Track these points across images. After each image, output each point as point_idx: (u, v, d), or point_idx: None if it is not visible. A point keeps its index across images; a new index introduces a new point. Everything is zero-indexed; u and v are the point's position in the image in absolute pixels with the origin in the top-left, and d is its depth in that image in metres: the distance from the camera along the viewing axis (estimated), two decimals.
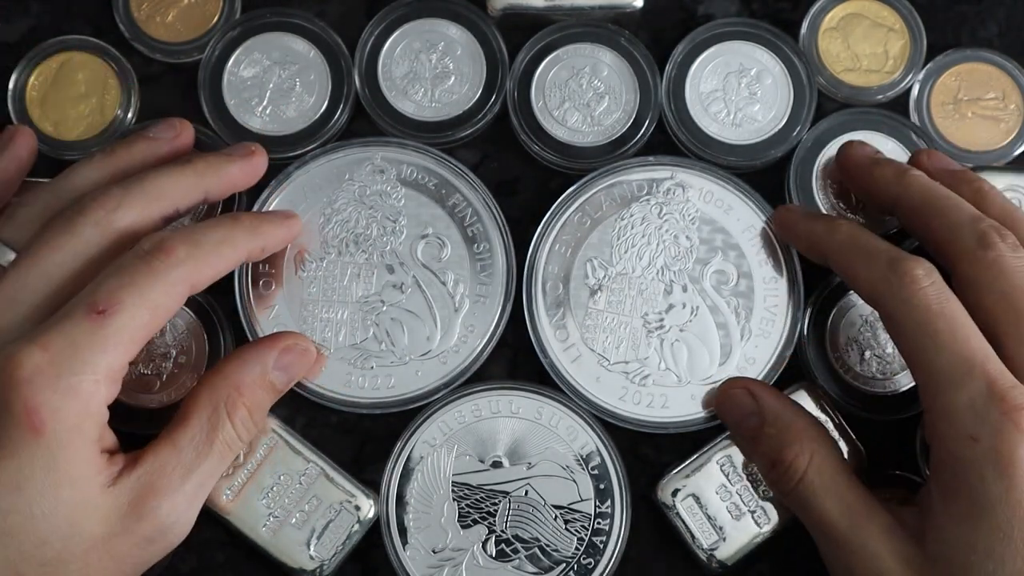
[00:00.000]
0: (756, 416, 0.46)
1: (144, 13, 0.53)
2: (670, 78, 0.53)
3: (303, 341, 0.47)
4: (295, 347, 0.46)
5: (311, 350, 0.47)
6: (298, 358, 0.46)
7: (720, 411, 0.49)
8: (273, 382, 0.45)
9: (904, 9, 0.53)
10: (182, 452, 0.42)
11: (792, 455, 0.44)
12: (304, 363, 0.47)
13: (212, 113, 0.52)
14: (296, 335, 0.47)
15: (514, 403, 0.50)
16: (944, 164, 0.48)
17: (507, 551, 0.48)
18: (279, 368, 0.45)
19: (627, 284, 0.51)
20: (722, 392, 0.48)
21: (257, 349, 0.45)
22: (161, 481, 0.41)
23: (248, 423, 0.44)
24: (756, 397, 0.47)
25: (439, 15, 0.53)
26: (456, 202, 0.51)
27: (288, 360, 0.46)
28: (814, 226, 0.48)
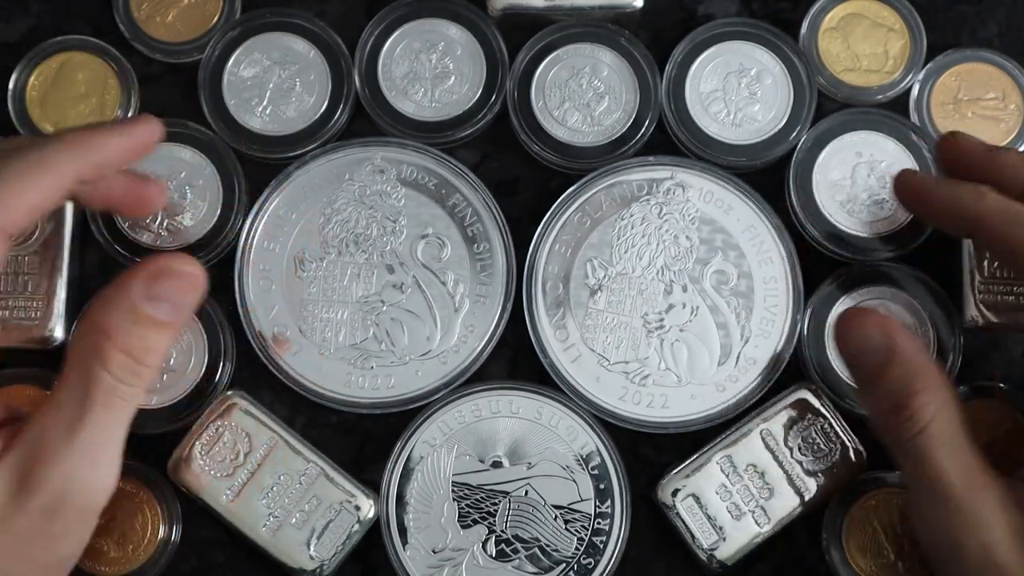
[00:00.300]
0: (883, 353, 0.42)
1: (144, 13, 0.53)
2: (670, 78, 0.53)
3: (174, 261, 0.40)
4: (164, 272, 0.40)
5: (186, 270, 0.40)
6: (173, 283, 0.40)
7: (841, 337, 0.43)
8: (152, 316, 0.39)
9: (904, 9, 0.53)
10: (62, 411, 0.38)
11: (920, 403, 0.41)
12: (184, 286, 0.40)
13: (212, 113, 0.52)
14: (165, 257, 0.40)
15: (514, 403, 0.50)
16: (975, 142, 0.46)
17: (507, 551, 0.48)
18: (152, 299, 0.39)
19: (627, 284, 0.51)
20: (850, 319, 0.43)
21: (119, 285, 0.39)
22: (44, 447, 0.38)
23: (131, 366, 0.39)
24: (892, 333, 0.42)
25: (439, 15, 0.53)
26: (456, 202, 0.51)
27: (162, 288, 0.39)
28: (956, 192, 0.44)
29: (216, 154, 0.52)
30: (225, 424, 0.48)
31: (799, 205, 0.51)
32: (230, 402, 0.49)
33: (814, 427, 0.49)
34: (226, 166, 0.51)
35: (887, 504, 0.48)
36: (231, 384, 0.50)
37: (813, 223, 0.51)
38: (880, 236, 0.51)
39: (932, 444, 0.40)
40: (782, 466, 0.48)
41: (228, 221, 0.51)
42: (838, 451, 0.49)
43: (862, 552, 0.48)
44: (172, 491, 0.49)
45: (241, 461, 0.48)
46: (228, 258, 0.51)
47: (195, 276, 0.40)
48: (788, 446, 0.49)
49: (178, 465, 0.48)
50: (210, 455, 0.48)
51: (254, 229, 0.51)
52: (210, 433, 0.48)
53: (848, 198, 0.51)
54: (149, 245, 0.51)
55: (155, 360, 0.40)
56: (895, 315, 0.50)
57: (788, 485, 0.48)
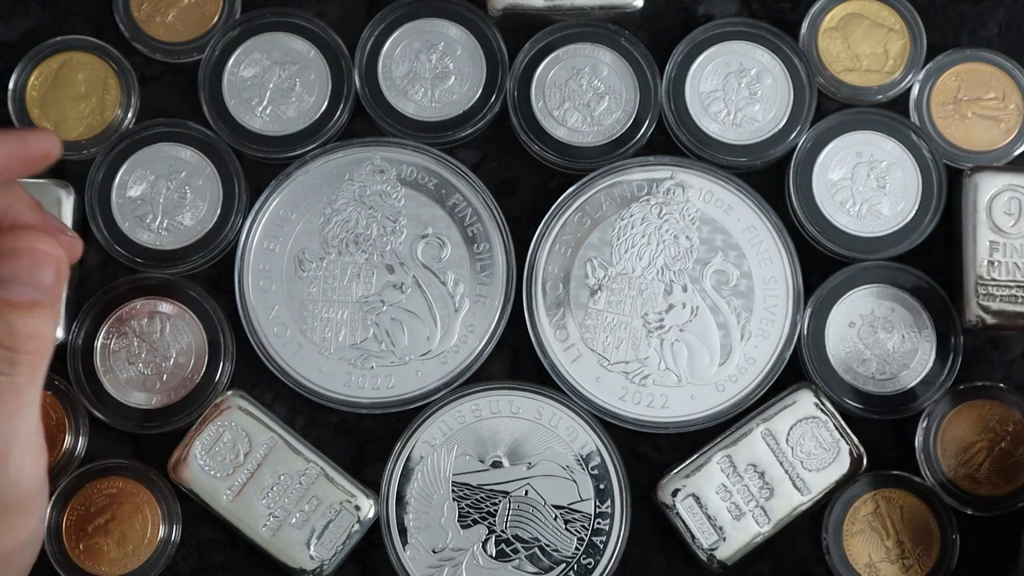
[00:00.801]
0: None
1: (144, 13, 0.53)
2: (670, 78, 0.53)
3: (20, 239, 0.37)
4: (6, 253, 0.36)
5: (33, 247, 0.37)
6: (16, 263, 0.37)
7: None
8: (7, 299, 0.36)
9: (904, 9, 0.53)
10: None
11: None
12: (30, 264, 0.37)
13: (212, 113, 0.52)
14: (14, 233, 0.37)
15: (514, 403, 0.50)
16: None
17: (507, 551, 0.48)
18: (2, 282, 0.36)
19: (627, 284, 0.51)
20: None
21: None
22: None
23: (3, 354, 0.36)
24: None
25: (439, 15, 0.53)
26: (456, 202, 0.51)
27: (7, 270, 0.36)
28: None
29: (216, 154, 0.52)
30: (225, 424, 0.48)
31: (799, 205, 0.51)
32: (230, 402, 0.49)
33: (814, 427, 0.49)
34: (226, 166, 0.51)
35: (887, 504, 0.49)
36: (231, 384, 0.50)
37: (813, 223, 0.51)
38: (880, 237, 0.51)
39: None
40: (782, 466, 0.48)
41: (228, 221, 0.51)
42: (838, 451, 0.49)
43: (862, 552, 0.48)
44: (172, 491, 0.49)
45: (241, 461, 0.48)
46: (228, 258, 0.51)
47: (44, 252, 0.37)
48: (788, 446, 0.49)
49: (178, 465, 0.48)
50: (210, 455, 0.48)
51: (254, 229, 0.51)
52: (210, 433, 0.48)
53: (848, 198, 0.52)
54: (149, 245, 0.51)
55: (31, 345, 0.37)
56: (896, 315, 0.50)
57: (788, 485, 0.48)
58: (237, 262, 0.51)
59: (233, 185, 0.51)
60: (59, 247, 0.37)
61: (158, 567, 0.48)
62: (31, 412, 0.38)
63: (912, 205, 0.51)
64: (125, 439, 0.50)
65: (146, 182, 0.51)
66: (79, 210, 0.51)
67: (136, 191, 0.51)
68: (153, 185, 0.51)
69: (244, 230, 0.51)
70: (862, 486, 0.49)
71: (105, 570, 0.48)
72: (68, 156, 0.52)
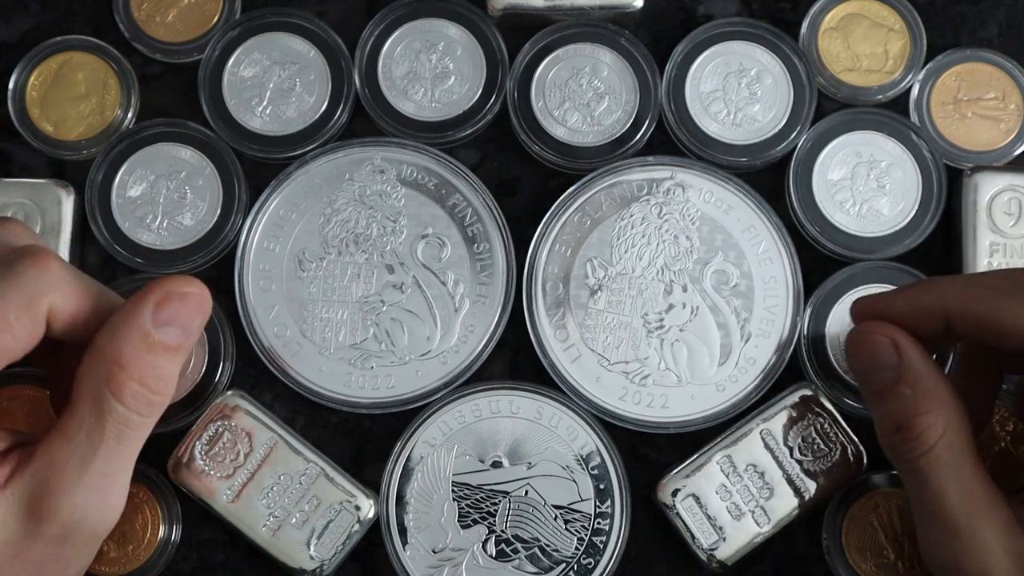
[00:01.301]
0: (893, 371, 0.41)
1: (144, 13, 0.53)
2: (670, 78, 0.53)
3: (179, 284, 0.39)
4: (171, 295, 0.39)
5: (192, 291, 0.39)
6: (181, 305, 0.39)
7: (851, 354, 0.43)
8: (162, 341, 0.38)
9: (904, 9, 0.53)
10: (73, 442, 0.38)
11: (925, 424, 0.40)
12: (191, 308, 0.39)
13: (212, 113, 0.52)
14: (170, 280, 0.40)
15: (514, 403, 0.50)
16: (877, 296, 0.45)
17: (507, 551, 0.48)
18: (162, 324, 0.38)
19: (627, 284, 0.51)
20: (861, 335, 0.42)
21: (128, 312, 0.38)
22: (56, 478, 0.38)
23: (145, 396, 0.38)
24: (900, 351, 0.41)
25: (439, 15, 0.53)
26: (456, 202, 0.51)
27: (170, 312, 0.39)
28: (913, 294, 0.42)
29: (216, 154, 0.52)
30: (225, 424, 0.48)
31: (799, 205, 0.51)
32: (230, 402, 0.49)
33: (814, 427, 0.49)
34: (226, 166, 0.51)
35: (887, 504, 0.48)
36: (231, 384, 0.50)
37: (813, 223, 0.51)
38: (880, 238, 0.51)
39: (934, 467, 0.40)
40: (782, 466, 0.48)
41: (228, 221, 0.51)
42: (838, 451, 0.49)
43: (862, 552, 0.48)
44: (172, 491, 0.49)
45: (241, 461, 0.48)
46: (228, 258, 0.51)
47: (201, 296, 0.40)
48: (788, 446, 0.49)
49: (178, 465, 0.48)
50: (210, 455, 0.48)
51: (254, 229, 0.51)
52: (210, 433, 0.48)
53: (848, 197, 0.52)
54: (149, 245, 0.51)
55: (168, 388, 0.39)
56: None
57: (788, 485, 0.48)
58: (237, 262, 0.51)
59: (233, 185, 0.51)
60: (207, 290, 0.40)
61: (158, 567, 0.48)
62: (138, 450, 0.40)
63: (912, 205, 0.51)
64: None
65: (146, 182, 0.51)
66: (79, 210, 0.51)
67: (136, 191, 0.51)
68: (153, 185, 0.51)
69: (244, 230, 0.51)
70: (862, 486, 0.49)
71: (105, 570, 0.48)
72: (68, 156, 0.52)
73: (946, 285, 0.42)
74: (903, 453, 0.41)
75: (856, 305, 0.44)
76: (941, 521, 0.40)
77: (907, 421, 0.40)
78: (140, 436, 0.39)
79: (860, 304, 0.44)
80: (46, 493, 0.38)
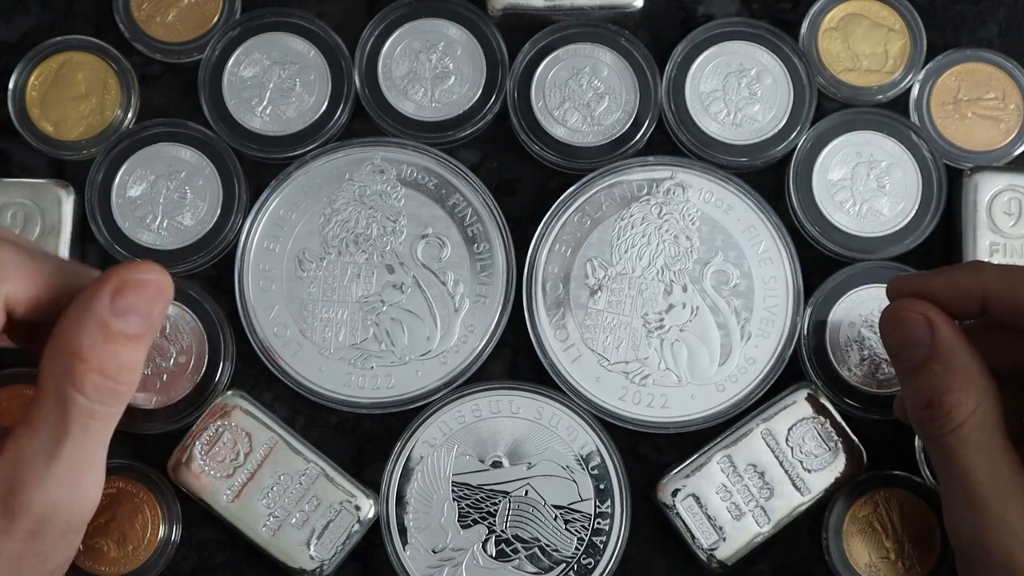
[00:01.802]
0: (926, 348, 0.41)
1: (144, 13, 0.53)
2: (670, 78, 0.53)
3: (136, 271, 0.38)
4: (128, 283, 0.37)
5: (149, 278, 0.38)
6: (139, 293, 0.37)
7: (885, 330, 0.43)
8: (122, 331, 0.37)
9: (904, 9, 0.53)
10: (39, 435, 0.37)
11: (955, 401, 0.40)
12: (150, 294, 0.38)
13: (212, 113, 0.52)
14: (126, 267, 0.38)
15: (514, 403, 0.50)
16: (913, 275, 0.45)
17: (507, 551, 0.48)
18: (121, 313, 0.37)
19: (627, 284, 0.51)
20: (896, 311, 0.42)
21: (85, 302, 0.37)
22: (23, 472, 0.37)
23: (107, 385, 0.37)
24: (934, 328, 0.41)
25: (439, 15, 0.53)
26: (456, 202, 0.51)
27: (128, 301, 0.37)
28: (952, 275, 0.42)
29: (216, 154, 0.52)
30: (225, 424, 0.48)
31: (799, 205, 0.51)
32: (230, 402, 0.49)
33: (814, 427, 0.49)
34: (226, 166, 0.51)
35: (887, 504, 0.48)
36: (231, 384, 0.50)
37: (813, 223, 0.51)
38: (880, 240, 0.51)
39: (963, 444, 0.40)
40: (782, 466, 0.48)
41: (228, 221, 0.51)
42: (838, 451, 0.49)
43: (862, 552, 0.48)
44: (172, 491, 0.49)
45: (241, 461, 0.48)
46: (228, 258, 0.51)
47: (160, 282, 0.38)
48: (788, 446, 0.49)
49: (178, 465, 0.48)
50: (210, 455, 0.48)
51: (254, 229, 0.51)
52: (210, 433, 0.48)
53: (848, 198, 0.52)
54: (149, 245, 0.51)
55: (132, 376, 0.38)
56: None
57: (788, 485, 0.48)
58: (237, 262, 0.51)
59: (233, 185, 0.51)
60: (167, 275, 0.38)
61: (158, 567, 0.48)
62: (108, 439, 0.39)
63: (912, 205, 0.51)
64: (125, 439, 0.50)
65: (146, 182, 0.51)
66: (79, 210, 0.51)
67: (136, 191, 0.51)
68: (153, 185, 0.51)
69: (244, 230, 0.51)
70: (862, 486, 0.49)
71: (105, 570, 0.48)
72: (68, 156, 0.52)
73: (986, 268, 0.42)
74: (932, 430, 0.41)
75: (893, 282, 0.44)
76: (967, 499, 0.40)
77: (937, 398, 0.40)
78: (107, 426, 0.39)
79: (896, 281, 0.44)
80: (16, 488, 0.37)
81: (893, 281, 0.44)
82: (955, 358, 0.41)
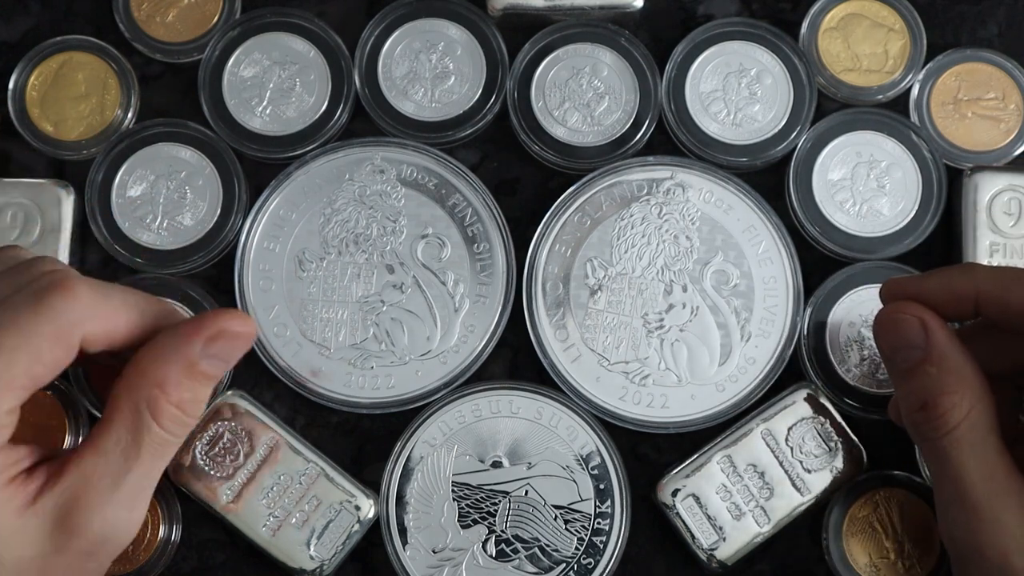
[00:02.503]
0: (920, 350, 0.41)
1: (144, 13, 0.53)
2: (670, 78, 0.53)
3: (234, 323, 0.40)
4: (225, 333, 0.39)
5: (244, 331, 0.40)
6: (230, 344, 0.40)
7: (879, 332, 0.43)
8: (205, 371, 0.39)
9: (904, 9, 0.53)
10: (108, 459, 0.38)
11: (950, 403, 0.40)
12: (239, 346, 0.40)
13: (212, 113, 0.52)
14: (225, 316, 0.40)
15: (514, 403, 0.50)
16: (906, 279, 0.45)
17: (507, 551, 0.48)
18: (209, 357, 0.39)
19: (627, 284, 0.51)
20: (889, 314, 0.42)
21: (179, 340, 0.39)
22: (88, 494, 0.38)
23: (181, 419, 0.39)
24: (927, 330, 0.41)
25: (439, 15, 0.53)
26: (456, 202, 0.51)
27: (220, 348, 0.39)
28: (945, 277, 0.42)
29: (216, 154, 0.52)
30: (225, 424, 0.48)
31: (799, 205, 0.51)
32: (230, 402, 0.49)
33: (814, 427, 0.49)
34: (226, 166, 0.51)
35: (887, 504, 0.48)
36: (231, 384, 0.50)
37: (813, 223, 0.51)
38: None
39: (958, 446, 0.40)
40: (782, 466, 0.48)
41: (228, 221, 0.51)
42: (838, 451, 0.49)
43: (862, 552, 0.48)
44: (172, 491, 0.49)
45: (241, 462, 0.48)
46: (228, 258, 0.51)
47: (250, 335, 0.40)
48: (788, 446, 0.49)
49: (178, 466, 0.48)
50: (210, 456, 0.48)
51: (254, 229, 0.51)
52: (210, 434, 0.48)
53: (848, 198, 0.52)
54: (149, 245, 0.51)
55: (200, 411, 0.40)
56: None
57: (788, 485, 0.48)
58: (237, 262, 0.51)
59: (233, 185, 0.51)
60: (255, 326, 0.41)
61: (158, 567, 0.48)
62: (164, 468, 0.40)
63: (912, 205, 0.51)
64: None
65: (146, 182, 0.51)
66: (79, 210, 0.51)
67: (136, 191, 0.51)
68: (153, 185, 0.51)
69: (244, 230, 0.51)
70: (862, 486, 0.49)
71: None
72: (68, 156, 0.52)
73: (980, 270, 0.42)
74: (926, 432, 0.41)
75: (886, 285, 0.44)
76: (962, 502, 0.40)
77: (932, 400, 0.40)
78: (170, 455, 0.40)
79: (890, 284, 0.44)
80: (77, 509, 0.38)
81: (886, 284, 0.44)
82: (949, 360, 0.41)
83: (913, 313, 0.41)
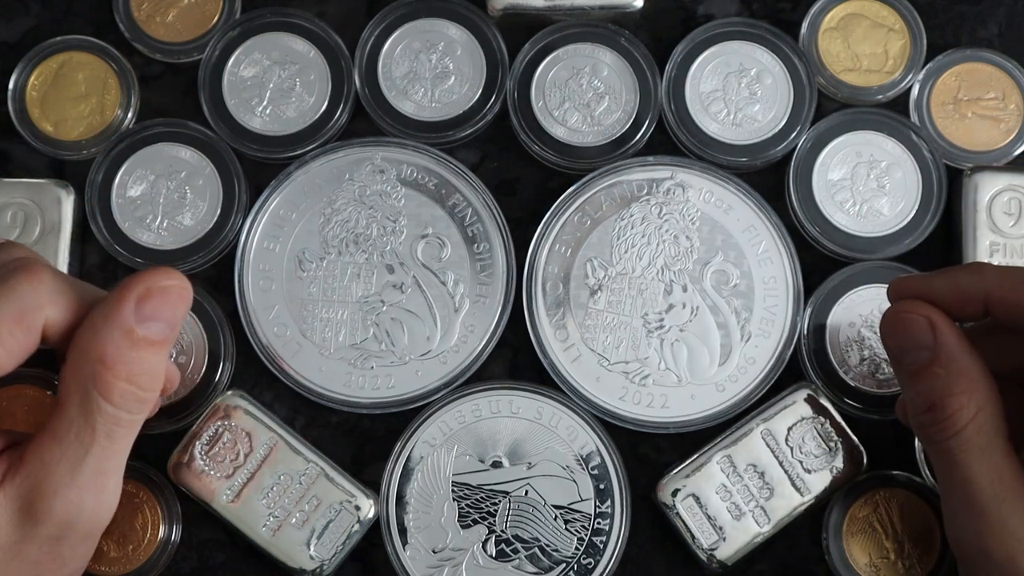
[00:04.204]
0: (928, 351, 0.40)
1: (144, 13, 0.53)
2: (670, 78, 0.53)
3: (159, 278, 0.38)
4: (152, 290, 0.38)
5: (172, 283, 0.38)
6: (163, 299, 0.38)
7: (886, 332, 0.42)
8: (146, 337, 0.38)
9: (904, 9, 0.53)
10: (64, 444, 0.37)
11: (958, 405, 0.39)
12: (173, 300, 0.38)
13: (212, 113, 0.52)
14: (149, 274, 0.38)
15: (514, 403, 0.50)
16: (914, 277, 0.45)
17: (507, 551, 0.48)
18: (145, 320, 0.37)
19: (627, 284, 0.51)
20: (897, 313, 0.42)
21: (109, 308, 0.37)
22: (48, 480, 0.37)
23: (134, 393, 0.38)
24: (936, 330, 0.40)
25: (439, 15, 0.53)
26: (456, 202, 0.51)
27: (152, 307, 0.38)
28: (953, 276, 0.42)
29: (216, 154, 0.52)
30: (225, 424, 0.48)
31: (799, 205, 0.51)
32: (230, 402, 0.49)
33: (814, 427, 0.49)
34: (226, 166, 0.51)
35: (887, 504, 0.49)
36: (231, 384, 0.50)
37: (813, 223, 0.51)
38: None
39: (965, 448, 0.40)
40: (782, 466, 0.48)
41: (228, 221, 0.51)
42: (838, 451, 0.49)
43: (862, 552, 0.48)
44: (172, 491, 0.49)
45: (241, 461, 0.48)
46: (228, 258, 0.51)
47: (182, 288, 0.39)
48: (788, 446, 0.49)
49: (178, 465, 0.48)
50: (210, 455, 0.48)
51: (254, 229, 0.51)
52: (210, 433, 0.48)
53: (848, 198, 0.52)
54: (149, 245, 0.51)
55: (156, 383, 0.39)
56: None
57: (788, 485, 0.48)
58: (237, 262, 0.51)
59: (233, 185, 0.51)
60: (187, 281, 0.39)
61: (158, 567, 0.48)
62: (130, 447, 0.40)
63: (912, 205, 0.51)
64: None
65: (146, 182, 0.51)
66: (79, 210, 0.51)
67: (136, 191, 0.51)
68: (153, 185, 0.51)
69: (244, 230, 0.51)
70: (862, 486, 0.49)
71: (105, 570, 0.48)
72: (68, 156, 0.52)
73: (988, 269, 0.41)
74: (933, 433, 0.40)
75: (893, 284, 0.43)
76: (968, 504, 0.40)
77: (939, 401, 0.40)
78: (131, 432, 0.39)
79: (897, 283, 0.43)
80: (39, 494, 0.37)
81: (894, 283, 0.43)
82: (957, 361, 0.40)
83: (921, 313, 0.41)
